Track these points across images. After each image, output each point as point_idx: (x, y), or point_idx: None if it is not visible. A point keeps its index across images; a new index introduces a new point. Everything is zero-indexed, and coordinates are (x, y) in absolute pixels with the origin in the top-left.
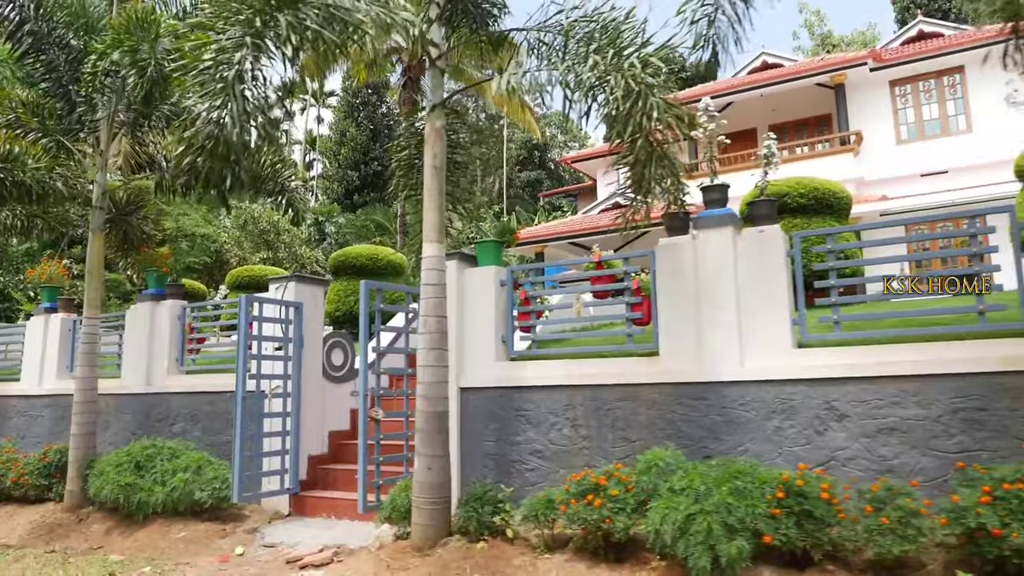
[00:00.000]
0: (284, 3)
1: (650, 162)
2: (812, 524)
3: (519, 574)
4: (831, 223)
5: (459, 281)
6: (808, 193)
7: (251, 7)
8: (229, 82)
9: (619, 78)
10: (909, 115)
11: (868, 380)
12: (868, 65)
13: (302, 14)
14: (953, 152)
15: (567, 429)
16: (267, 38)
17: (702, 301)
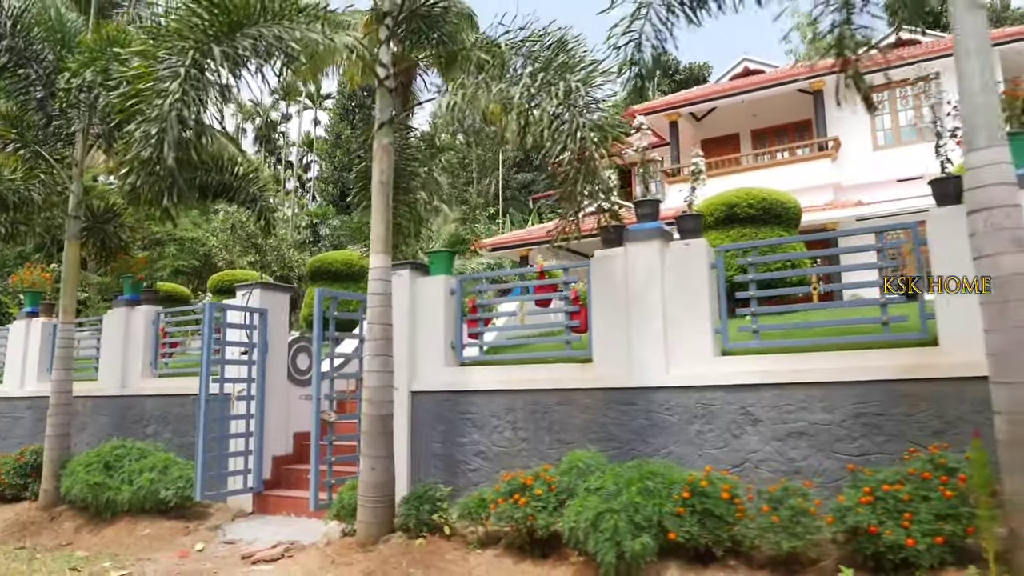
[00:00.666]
0: (220, 36)
1: (579, 179)
2: (713, 522)
3: (451, 568)
4: (779, 232)
5: (411, 290)
6: (757, 203)
7: (189, 39)
8: (165, 111)
9: (549, 99)
10: (886, 121)
11: (780, 387)
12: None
13: (237, 44)
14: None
15: (508, 432)
16: (204, 68)
17: (632, 311)
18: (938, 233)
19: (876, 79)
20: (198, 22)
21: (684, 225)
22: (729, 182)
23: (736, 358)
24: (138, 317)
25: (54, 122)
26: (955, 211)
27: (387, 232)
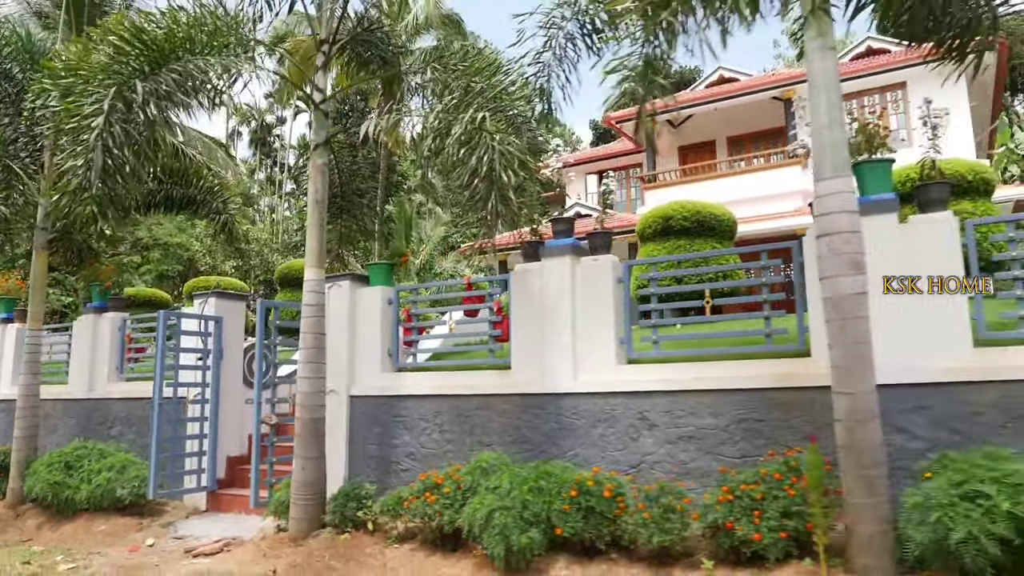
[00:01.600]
0: (143, 73)
1: (489, 198)
2: (596, 519)
3: (369, 561)
4: (712, 245)
5: (351, 299)
6: (691, 216)
7: (115, 76)
8: (91, 144)
9: (461, 125)
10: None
11: (674, 394)
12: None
13: (160, 79)
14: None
15: (435, 434)
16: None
17: (546, 321)
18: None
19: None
20: (123, 58)
21: (594, 242)
22: (706, 188)
23: (638, 366)
24: (105, 324)
25: (21, 139)
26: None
27: (321, 247)
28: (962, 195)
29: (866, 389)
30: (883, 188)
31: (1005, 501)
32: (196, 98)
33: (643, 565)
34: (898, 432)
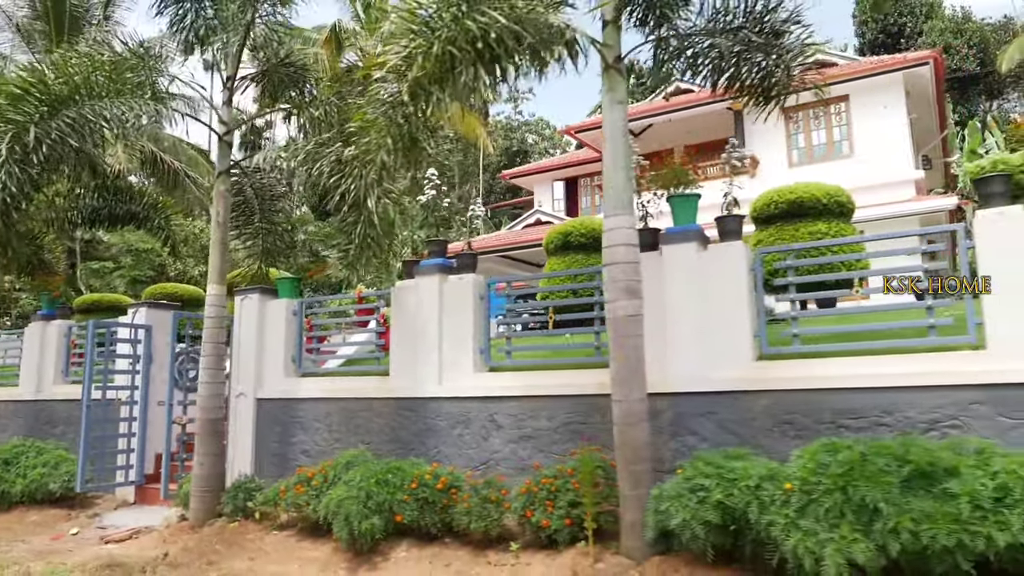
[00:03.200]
0: (36, 120)
1: (359, 222)
2: (429, 508)
3: (249, 545)
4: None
5: (260, 311)
6: (588, 233)
7: (11, 123)
8: None
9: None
10: (800, 140)
11: (517, 399)
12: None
13: (51, 125)
14: (837, 175)
15: (325, 433)
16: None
17: (418, 332)
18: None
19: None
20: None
21: (461, 262)
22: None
23: (492, 374)
24: (52, 330)
25: None
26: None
27: (222, 265)
28: (818, 216)
29: (637, 397)
30: (689, 219)
31: (718, 492)
32: (90, 139)
33: (469, 548)
34: (691, 434)
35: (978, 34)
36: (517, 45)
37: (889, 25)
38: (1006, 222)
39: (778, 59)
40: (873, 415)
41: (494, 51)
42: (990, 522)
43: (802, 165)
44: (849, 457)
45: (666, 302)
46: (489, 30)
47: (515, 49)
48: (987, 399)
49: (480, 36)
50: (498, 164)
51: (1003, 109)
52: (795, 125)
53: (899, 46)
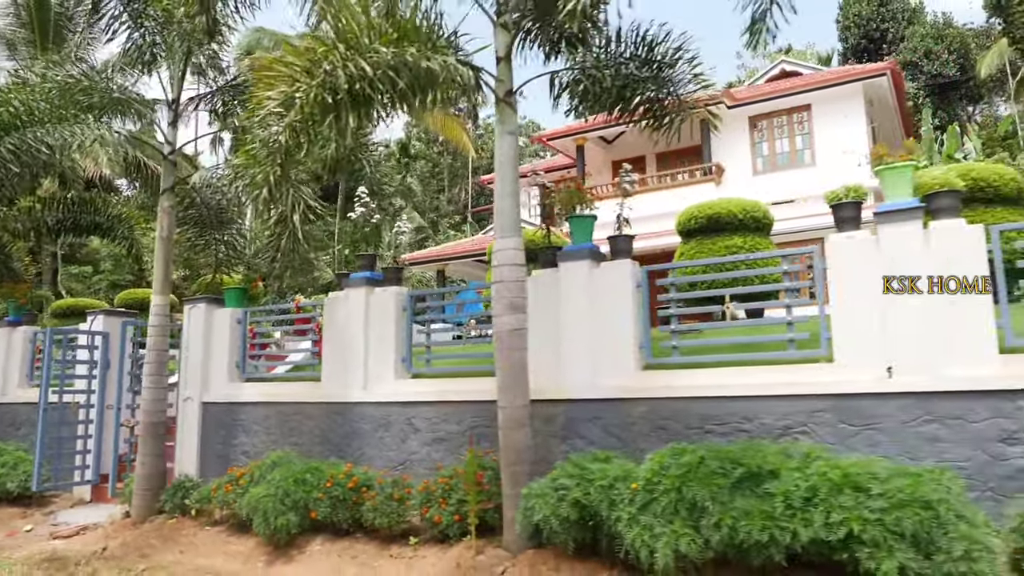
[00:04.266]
0: None
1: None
2: (341, 505)
3: (182, 540)
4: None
5: (207, 319)
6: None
7: None
8: None
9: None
10: (764, 148)
11: (431, 404)
12: (724, 103)
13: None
14: (800, 182)
15: (263, 435)
16: None
17: (347, 340)
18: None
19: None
20: None
21: (388, 275)
22: (636, 202)
23: (413, 380)
24: (18, 336)
25: None
26: (550, 273)
27: (166, 277)
28: (735, 231)
29: (519, 404)
30: (585, 238)
31: (577, 491)
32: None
33: (376, 543)
34: (579, 438)
35: (958, 39)
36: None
37: (872, 31)
38: (853, 245)
39: (667, 89)
40: (735, 421)
41: (376, 93)
42: (797, 519)
43: (766, 173)
44: (688, 460)
45: (561, 315)
46: (366, 76)
47: (401, 90)
48: (831, 408)
49: (360, 79)
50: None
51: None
52: (759, 134)
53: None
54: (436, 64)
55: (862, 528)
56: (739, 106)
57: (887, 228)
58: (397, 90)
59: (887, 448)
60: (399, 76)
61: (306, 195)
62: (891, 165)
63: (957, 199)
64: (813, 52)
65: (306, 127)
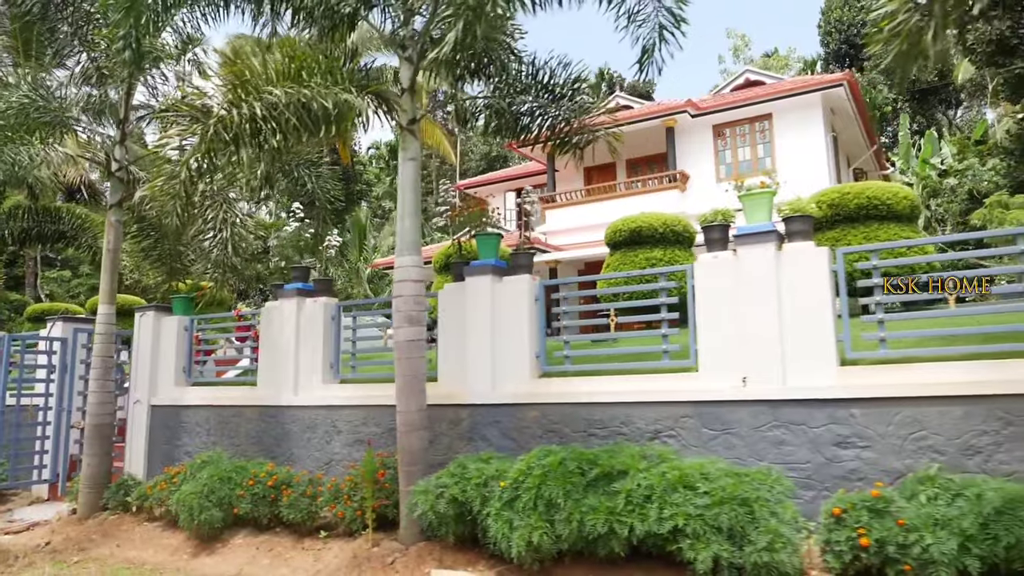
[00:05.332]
0: None
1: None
2: (260, 502)
3: (121, 535)
4: None
5: (155, 326)
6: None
7: None
8: None
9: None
10: (727, 156)
11: (354, 408)
12: (688, 112)
13: None
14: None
15: (205, 436)
16: None
17: (280, 347)
18: (446, 299)
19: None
20: None
21: (318, 286)
22: (607, 207)
23: (339, 385)
24: None
25: None
26: (458, 286)
27: (112, 288)
28: (656, 244)
29: (415, 408)
30: (490, 255)
31: (455, 489)
32: None
33: (293, 537)
34: (481, 440)
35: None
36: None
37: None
38: (717, 264)
39: (567, 115)
40: (615, 425)
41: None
42: (635, 514)
43: (730, 180)
44: (551, 461)
45: (467, 326)
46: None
47: (295, 125)
48: (695, 413)
49: (251, 121)
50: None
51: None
52: (723, 142)
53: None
54: (330, 101)
55: (686, 522)
56: (703, 115)
57: (744, 249)
58: (291, 125)
59: (740, 451)
60: (293, 113)
61: (237, 211)
62: (751, 192)
63: (808, 224)
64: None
65: (208, 159)
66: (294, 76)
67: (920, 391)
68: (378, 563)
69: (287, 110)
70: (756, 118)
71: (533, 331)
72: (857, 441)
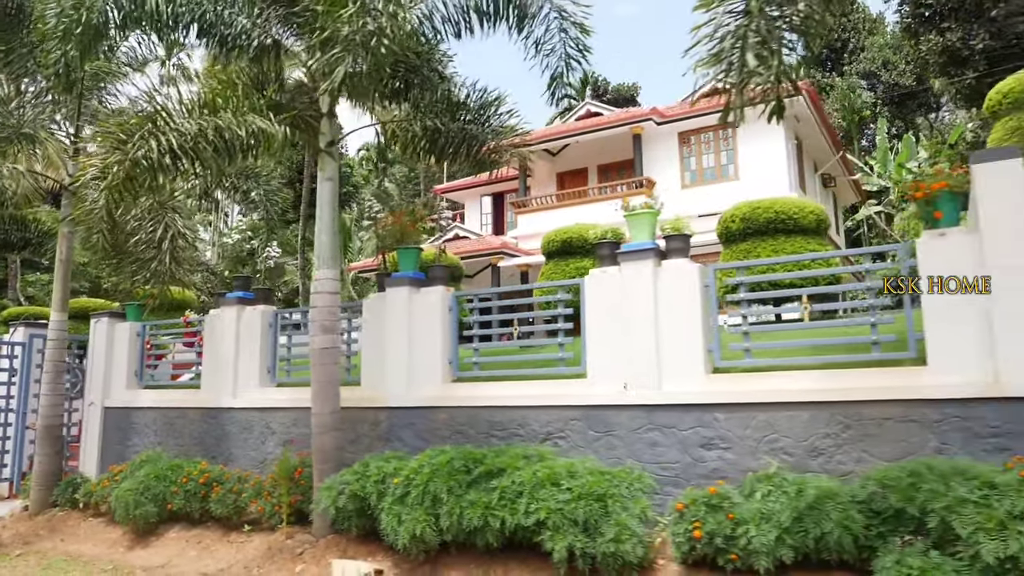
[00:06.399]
0: None
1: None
2: (193, 498)
3: (67, 530)
4: None
5: (109, 332)
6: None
7: None
8: None
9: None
10: (692, 163)
11: (286, 409)
12: (654, 120)
13: None
14: (724, 196)
15: (152, 437)
16: None
17: (221, 352)
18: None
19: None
20: None
21: (258, 295)
22: (578, 211)
23: (275, 389)
24: None
25: None
26: (380, 297)
27: (64, 296)
28: (586, 255)
29: (328, 411)
30: (410, 267)
31: (355, 485)
32: None
33: (222, 531)
34: (398, 440)
35: (915, 51)
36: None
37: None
38: (604, 279)
39: (480, 139)
40: (513, 427)
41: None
42: (507, 509)
43: (694, 186)
44: (440, 460)
45: (386, 334)
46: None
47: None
48: (583, 417)
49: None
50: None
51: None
52: (688, 149)
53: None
54: (243, 130)
55: (548, 515)
56: (669, 122)
57: (627, 265)
58: (207, 154)
59: (620, 451)
60: (208, 143)
61: (178, 224)
62: (634, 212)
63: (686, 242)
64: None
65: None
66: (209, 106)
67: (774, 397)
68: (288, 554)
69: (202, 140)
70: (720, 126)
71: (446, 339)
72: (720, 443)
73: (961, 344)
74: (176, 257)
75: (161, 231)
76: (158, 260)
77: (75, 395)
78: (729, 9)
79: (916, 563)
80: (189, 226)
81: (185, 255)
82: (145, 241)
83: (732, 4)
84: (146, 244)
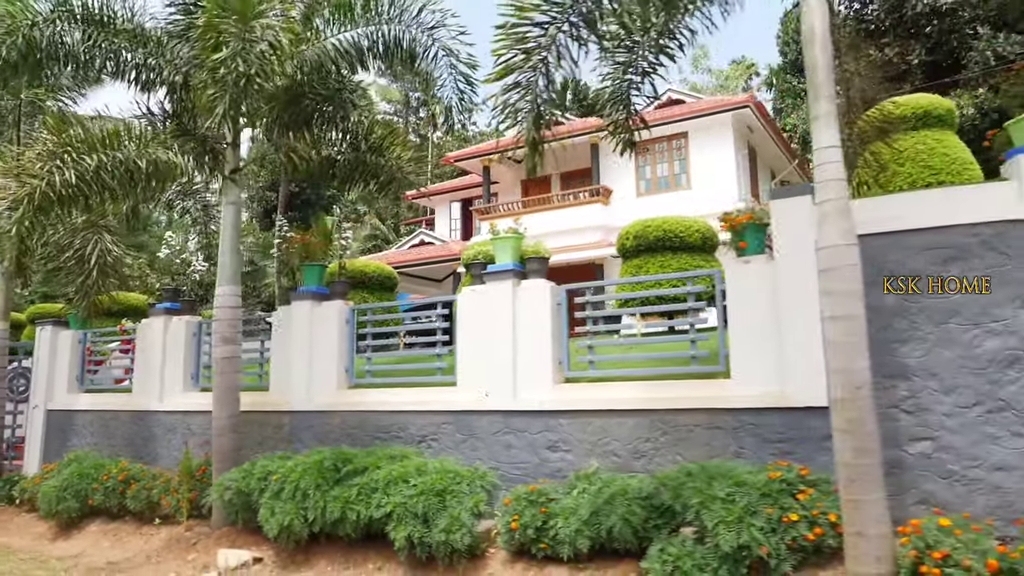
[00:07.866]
0: None
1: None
2: (111, 494)
3: (0, 524)
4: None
5: (52, 339)
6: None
7: None
8: None
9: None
10: (647, 172)
11: (205, 413)
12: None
13: None
14: (677, 204)
15: (89, 438)
16: None
17: (151, 358)
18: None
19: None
20: None
21: (184, 306)
22: (542, 218)
23: (198, 393)
24: None
25: None
26: (287, 309)
27: (7, 306)
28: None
29: (226, 416)
30: (314, 282)
31: (240, 482)
32: None
33: (137, 524)
34: (299, 442)
35: (856, 65)
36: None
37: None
38: (474, 296)
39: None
40: (395, 430)
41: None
42: (363, 503)
43: (649, 195)
44: (315, 459)
45: (291, 344)
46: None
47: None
48: (452, 421)
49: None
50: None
51: None
52: (644, 158)
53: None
54: (144, 161)
55: (394, 509)
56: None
57: (491, 284)
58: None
59: (482, 452)
60: (111, 176)
61: (107, 240)
62: (499, 236)
63: (543, 264)
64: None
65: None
66: (111, 140)
67: (609, 405)
68: (185, 544)
69: (106, 173)
70: (673, 136)
71: (343, 348)
72: (563, 445)
73: (758, 360)
74: (104, 271)
75: (90, 248)
76: (86, 274)
77: (24, 399)
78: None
79: (674, 551)
80: (118, 242)
81: (114, 270)
82: (75, 257)
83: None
84: (76, 260)
